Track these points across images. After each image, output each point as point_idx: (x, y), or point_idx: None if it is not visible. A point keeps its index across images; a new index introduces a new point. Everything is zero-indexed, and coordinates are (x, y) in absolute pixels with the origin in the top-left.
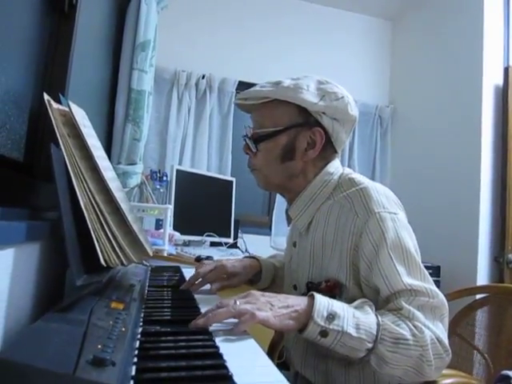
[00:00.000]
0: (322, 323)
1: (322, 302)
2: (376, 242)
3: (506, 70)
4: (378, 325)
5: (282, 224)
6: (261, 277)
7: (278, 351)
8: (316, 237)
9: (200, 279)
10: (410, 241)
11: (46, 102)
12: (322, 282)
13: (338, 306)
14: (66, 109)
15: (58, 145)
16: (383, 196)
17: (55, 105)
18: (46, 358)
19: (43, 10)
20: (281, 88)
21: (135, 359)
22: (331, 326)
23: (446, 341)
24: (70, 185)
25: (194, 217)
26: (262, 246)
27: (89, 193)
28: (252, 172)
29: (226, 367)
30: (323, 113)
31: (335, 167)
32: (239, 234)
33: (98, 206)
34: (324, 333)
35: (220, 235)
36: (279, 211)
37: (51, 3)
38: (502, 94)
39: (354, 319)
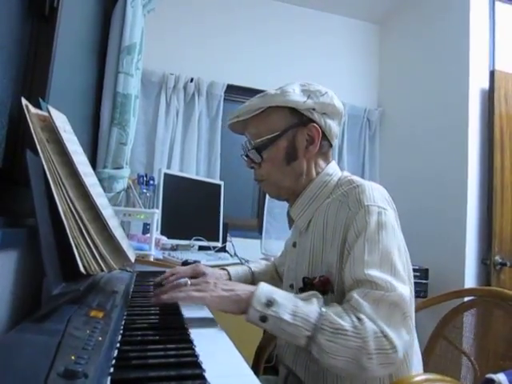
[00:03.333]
0: (260, 308)
1: (265, 289)
2: (358, 232)
3: (492, 73)
4: (320, 314)
5: (271, 227)
6: None
7: (265, 355)
8: (315, 233)
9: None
10: (393, 237)
11: (24, 106)
12: (316, 276)
13: (280, 294)
14: (46, 114)
15: (36, 150)
16: (376, 192)
17: (34, 110)
18: (14, 372)
19: (22, 13)
20: (269, 96)
21: (111, 369)
22: (268, 312)
23: (395, 337)
24: (49, 191)
25: (181, 221)
26: (251, 250)
27: (68, 199)
28: (260, 184)
29: (204, 377)
30: (313, 109)
31: (334, 169)
32: (228, 238)
33: (78, 212)
34: (264, 318)
35: (208, 239)
36: (269, 215)
37: (31, 6)
38: (488, 98)
39: (292, 307)
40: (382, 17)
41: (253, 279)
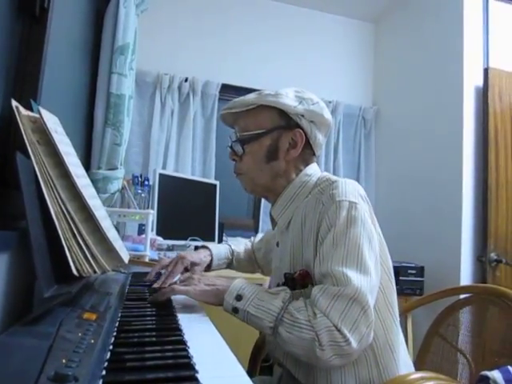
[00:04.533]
0: (231, 301)
1: (237, 285)
2: (329, 227)
3: (486, 71)
4: (282, 309)
5: (268, 227)
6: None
7: (262, 354)
8: (295, 231)
9: (166, 272)
10: (362, 231)
11: (14, 108)
12: (296, 271)
13: (249, 289)
14: (37, 115)
15: (27, 152)
16: (350, 187)
17: (24, 111)
18: (3, 376)
19: (12, 13)
20: (263, 95)
21: (104, 372)
22: (237, 305)
23: (348, 330)
24: (41, 193)
25: (177, 221)
26: None
27: (60, 201)
28: (238, 177)
29: (197, 379)
30: (302, 115)
31: (313, 170)
32: (224, 237)
33: (70, 214)
34: (235, 309)
35: (204, 239)
36: (265, 215)
37: (21, 7)
38: (482, 95)
39: (257, 301)
40: (377, 16)
41: (232, 258)
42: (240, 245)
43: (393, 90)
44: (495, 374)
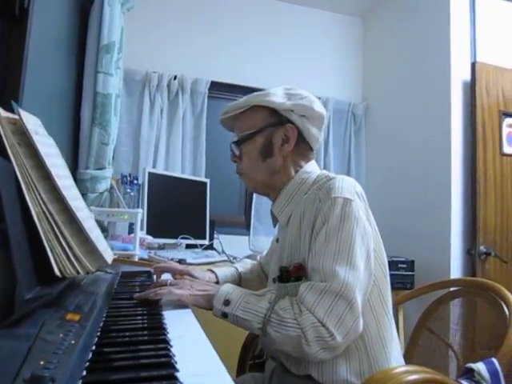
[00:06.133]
0: (219, 307)
1: (225, 290)
2: (322, 223)
3: (473, 65)
4: (269, 309)
5: (260, 224)
6: None
7: (251, 351)
8: (293, 227)
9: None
10: (355, 227)
11: None
12: (291, 264)
13: (236, 293)
14: (17, 117)
15: (7, 154)
16: (346, 183)
17: (4, 113)
18: None
19: None
20: (254, 96)
21: (84, 372)
22: (226, 310)
23: (333, 325)
24: (22, 195)
25: (168, 220)
26: (238, 246)
27: (41, 202)
28: (240, 177)
29: (176, 377)
30: (292, 111)
31: (313, 167)
32: (215, 235)
33: (52, 215)
34: (225, 314)
35: (195, 237)
36: (256, 212)
37: (0, 8)
38: (469, 90)
39: (245, 304)
40: (365, 10)
41: (240, 279)
42: (246, 265)
43: (382, 86)
44: (479, 366)
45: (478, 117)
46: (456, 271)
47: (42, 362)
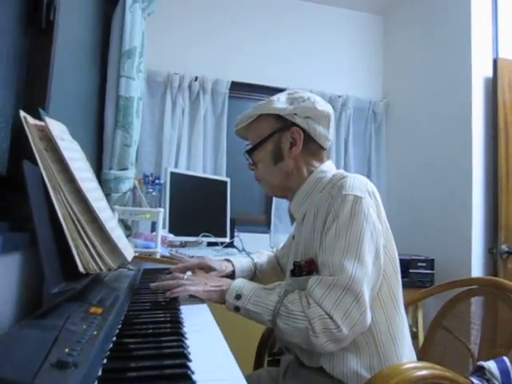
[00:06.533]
0: (231, 301)
1: (237, 285)
2: (333, 220)
3: (495, 61)
4: (278, 302)
5: (280, 222)
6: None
7: (268, 346)
8: (308, 223)
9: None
10: (364, 224)
11: (23, 118)
12: (303, 259)
13: (248, 288)
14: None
15: (34, 159)
16: (358, 181)
17: (32, 121)
18: (12, 363)
19: (20, 27)
20: (259, 106)
21: (105, 360)
22: (238, 303)
23: (339, 317)
24: (49, 197)
25: (189, 218)
26: (259, 244)
27: (66, 204)
28: (260, 183)
29: (188, 367)
30: (295, 114)
31: (329, 167)
32: (235, 233)
33: (76, 215)
34: (237, 308)
35: (216, 235)
36: (277, 210)
37: (28, 20)
38: (491, 86)
39: (255, 298)
40: (385, 8)
41: (255, 269)
42: (262, 256)
43: (402, 83)
44: (490, 364)
45: (500, 113)
46: (477, 270)
47: (66, 350)
